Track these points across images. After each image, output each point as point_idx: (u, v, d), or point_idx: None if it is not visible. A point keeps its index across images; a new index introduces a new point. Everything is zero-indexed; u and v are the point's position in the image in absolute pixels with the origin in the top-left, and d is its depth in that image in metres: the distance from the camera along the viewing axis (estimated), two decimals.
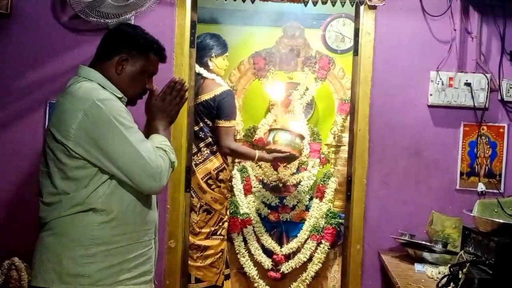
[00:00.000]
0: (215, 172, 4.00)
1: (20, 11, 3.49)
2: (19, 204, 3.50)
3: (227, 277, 4.21)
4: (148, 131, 2.39)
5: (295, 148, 4.11)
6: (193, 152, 3.92)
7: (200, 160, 3.98)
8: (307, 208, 4.50)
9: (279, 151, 4.08)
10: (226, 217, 4.18)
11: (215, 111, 3.97)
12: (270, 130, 4.27)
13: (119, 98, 2.31)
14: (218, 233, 4.07)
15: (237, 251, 4.32)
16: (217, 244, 4.04)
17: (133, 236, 2.28)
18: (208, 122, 4.00)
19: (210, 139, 4.01)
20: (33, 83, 3.53)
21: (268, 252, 4.36)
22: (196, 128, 3.96)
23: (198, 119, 3.97)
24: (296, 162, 4.54)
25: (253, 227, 4.37)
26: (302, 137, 4.26)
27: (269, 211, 4.49)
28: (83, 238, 2.19)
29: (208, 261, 3.99)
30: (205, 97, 3.96)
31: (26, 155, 3.50)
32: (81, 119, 2.14)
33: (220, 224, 4.08)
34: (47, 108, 3.48)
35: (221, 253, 4.09)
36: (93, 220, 2.19)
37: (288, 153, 4.07)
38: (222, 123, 3.99)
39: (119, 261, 2.24)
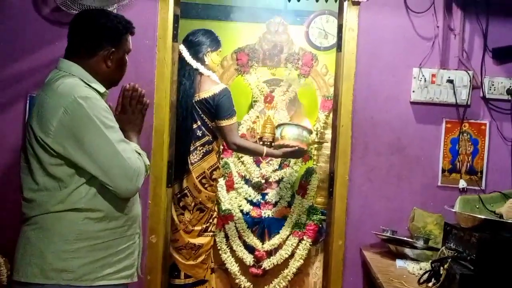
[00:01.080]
0: (209, 171, 3.98)
1: (1, 3, 3.45)
2: None
3: (212, 270, 4.22)
4: None
5: (303, 141, 4.12)
6: (190, 150, 3.90)
7: (195, 160, 3.94)
8: (289, 205, 4.50)
9: (288, 146, 4.07)
10: (215, 213, 4.17)
11: (214, 110, 3.94)
12: (277, 126, 4.27)
13: (101, 94, 2.30)
14: (209, 229, 4.07)
15: (219, 247, 4.30)
16: (208, 241, 4.04)
17: (117, 231, 2.28)
18: (207, 120, 3.97)
19: (207, 138, 3.97)
20: (14, 76, 3.48)
21: (250, 249, 4.35)
22: (194, 125, 3.93)
23: (196, 117, 3.94)
24: (278, 159, 4.53)
25: (235, 223, 4.36)
26: (310, 131, 4.26)
27: (251, 207, 4.48)
28: (68, 233, 2.17)
29: (200, 259, 3.98)
30: (203, 95, 3.93)
31: (6, 149, 3.45)
32: (61, 115, 2.12)
33: (211, 221, 4.07)
34: (28, 101, 3.43)
35: (210, 249, 4.11)
36: (77, 215, 2.18)
37: (296, 147, 4.06)
38: (225, 122, 3.95)
39: (102, 255, 2.23)
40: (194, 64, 3.94)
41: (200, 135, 3.94)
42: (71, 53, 2.33)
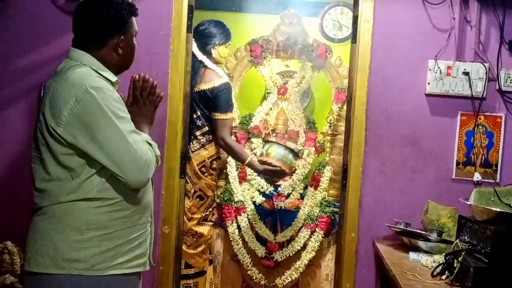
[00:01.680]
0: (209, 160, 4.01)
1: None
2: (13, 188, 3.47)
3: (210, 262, 4.28)
4: None
5: (286, 163, 4.28)
6: (190, 138, 3.92)
7: (195, 148, 3.98)
8: (302, 197, 4.49)
9: (270, 164, 4.20)
10: (215, 203, 4.24)
11: (211, 102, 3.96)
12: (266, 142, 4.40)
13: (113, 83, 2.30)
14: (209, 219, 4.14)
15: (231, 239, 4.30)
16: (208, 231, 4.11)
17: (129, 220, 2.27)
18: (205, 111, 3.99)
19: (207, 128, 4.02)
20: (29, 66, 3.50)
21: (262, 240, 4.35)
22: (195, 116, 3.96)
23: (196, 107, 3.97)
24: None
25: (248, 214, 4.35)
26: (296, 154, 4.38)
27: (264, 199, 4.47)
28: (79, 223, 2.17)
29: (200, 248, 4.04)
30: (203, 86, 3.95)
31: (19, 139, 3.48)
32: (73, 105, 2.11)
33: (211, 209, 4.15)
34: (42, 91, 3.44)
35: (210, 239, 4.19)
36: (88, 205, 2.18)
37: (278, 168, 4.19)
38: (219, 115, 3.99)
39: (114, 245, 2.22)
40: (200, 56, 3.97)
41: (200, 125, 3.99)
42: (79, 44, 2.31)
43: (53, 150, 2.16)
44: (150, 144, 2.29)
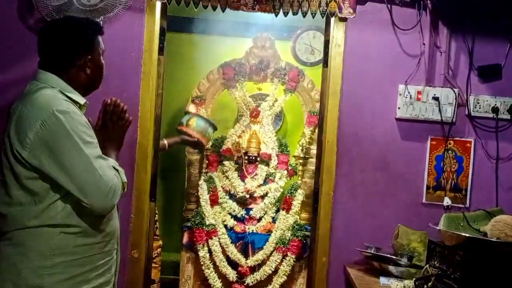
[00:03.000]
0: None
1: None
2: None
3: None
4: None
5: (205, 136, 4.43)
6: None
7: None
8: (274, 220, 4.47)
9: (189, 135, 4.37)
10: (156, 216, 4.22)
11: None
12: (186, 113, 4.50)
13: (81, 106, 2.27)
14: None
15: (202, 263, 4.25)
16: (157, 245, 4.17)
17: (94, 247, 2.23)
18: None
19: None
20: None
21: (233, 264, 4.31)
22: None
23: None
24: (263, 174, 4.52)
25: (219, 238, 4.31)
26: (215, 128, 4.52)
27: (235, 222, 4.44)
28: (43, 248, 2.12)
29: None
30: None
31: None
32: (39, 129, 2.07)
33: (156, 225, 4.18)
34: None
35: (158, 251, 4.26)
36: (53, 231, 2.13)
37: (196, 139, 4.37)
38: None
39: (79, 272, 2.18)
40: None
41: None
42: (46, 66, 2.28)
43: (17, 174, 2.12)
44: (117, 170, 2.25)
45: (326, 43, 3.61)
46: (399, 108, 3.52)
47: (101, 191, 2.12)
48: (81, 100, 2.29)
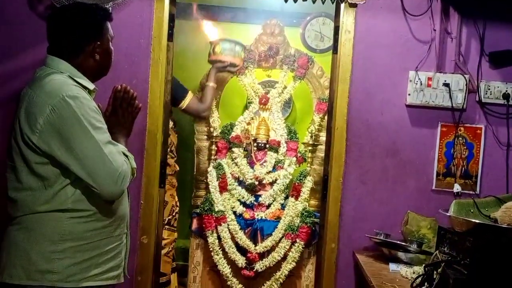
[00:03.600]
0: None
1: None
2: None
3: (173, 270, 4.34)
4: None
5: (235, 56, 4.44)
6: None
7: None
8: (283, 207, 4.47)
9: (220, 61, 4.41)
10: (177, 208, 4.32)
11: None
12: (210, 43, 4.52)
13: (91, 91, 2.27)
14: (171, 223, 4.20)
15: (211, 249, 4.26)
16: (168, 234, 4.15)
17: (104, 231, 2.25)
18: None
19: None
20: (8, 74, 3.44)
21: (242, 250, 4.32)
22: None
23: None
24: (272, 160, 4.52)
25: (228, 224, 4.32)
26: (242, 45, 4.51)
27: (244, 209, 4.45)
28: (53, 233, 2.14)
29: (163, 250, 4.04)
30: None
31: None
32: (49, 114, 2.09)
33: (173, 214, 4.22)
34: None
35: (173, 243, 4.26)
36: (63, 215, 2.15)
37: (228, 62, 4.41)
38: (183, 104, 4.27)
39: (89, 256, 2.20)
40: None
41: None
42: (55, 51, 2.29)
43: (27, 159, 2.13)
44: (126, 155, 2.26)
45: (336, 30, 3.59)
46: (409, 94, 3.50)
47: (111, 177, 2.13)
48: (91, 85, 2.30)
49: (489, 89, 3.49)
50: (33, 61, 3.40)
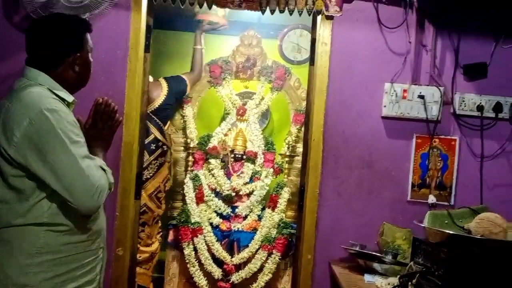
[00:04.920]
0: (163, 183, 4.04)
1: None
2: None
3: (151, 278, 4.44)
4: None
5: (220, 16, 4.63)
6: (143, 167, 3.90)
7: (150, 175, 4.00)
8: (260, 218, 4.47)
9: (207, 21, 4.65)
10: (160, 222, 4.44)
11: (174, 101, 4.34)
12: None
13: (69, 104, 2.25)
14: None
15: (187, 261, 4.25)
16: (157, 247, 4.23)
17: (80, 245, 2.22)
18: (161, 124, 4.03)
19: (160, 150, 4.06)
20: None
21: (219, 262, 4.31)
22: (147, 140, 3.96)
23: (150, 130, 4.00)
24: (249, 172, 4.52)
25: (204, 236, 4.31)
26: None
27: (221, 220, 4.45)
28: (29, 246, 2.11)
29: (148, 264, 4.03)
30: (158, 101, 3.98)
31: None
32: (26, 127, 2.06)
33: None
34: None
35: (155, 257, 4.38)
36: (39, 229, 2.12)
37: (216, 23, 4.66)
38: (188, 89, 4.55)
39: (65, 270, 2.17)
40: None
41: (153, 148, 4.02)
42: (34, 63, 2.26)
43: (3, 171, 2.10)
44: (104, 170, 2.24)
45: (313, 41, 3.61)
46: (385, 106, 3.52)
47: (87, 191, 2.11)
48: (70, 98, 2.28)
49: (463, 101, 3.53)
50: (8, 72, 3.38)
